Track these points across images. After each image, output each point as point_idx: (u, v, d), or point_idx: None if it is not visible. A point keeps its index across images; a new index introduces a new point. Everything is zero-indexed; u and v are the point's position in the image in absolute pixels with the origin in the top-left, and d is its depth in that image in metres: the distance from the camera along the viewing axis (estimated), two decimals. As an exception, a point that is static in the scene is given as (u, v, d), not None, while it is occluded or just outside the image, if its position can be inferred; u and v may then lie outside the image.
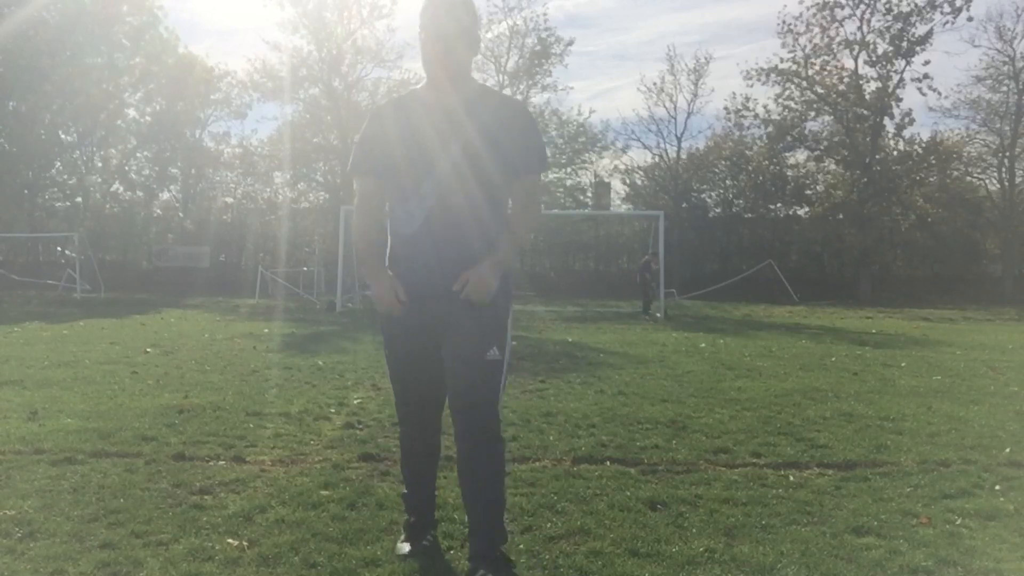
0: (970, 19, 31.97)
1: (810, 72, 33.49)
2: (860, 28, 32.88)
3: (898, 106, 32.65)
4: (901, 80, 32.56)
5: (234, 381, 6.89)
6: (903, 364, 8.91)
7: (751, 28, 67.11)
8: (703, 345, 11.06)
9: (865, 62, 33.06)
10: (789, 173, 38.11)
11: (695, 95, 38.78)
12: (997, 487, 3.74)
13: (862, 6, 32.44)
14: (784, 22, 33.27)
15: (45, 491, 3.49)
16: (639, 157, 45.74)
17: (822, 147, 35.55)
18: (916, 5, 31.63)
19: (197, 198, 41.01)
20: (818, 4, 32.46)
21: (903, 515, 3.32)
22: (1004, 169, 36.58)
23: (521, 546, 2.91)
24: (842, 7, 32.46)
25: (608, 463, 4.16)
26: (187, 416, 5.22)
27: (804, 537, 3.04)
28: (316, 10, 33.28)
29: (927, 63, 32.21)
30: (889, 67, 32.48)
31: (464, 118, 2.57)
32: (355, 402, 5.88)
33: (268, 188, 41.11)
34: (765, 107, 34.96)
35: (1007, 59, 34.78)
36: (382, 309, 2.63)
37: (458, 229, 2.55)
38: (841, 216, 34.22)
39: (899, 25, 31.82)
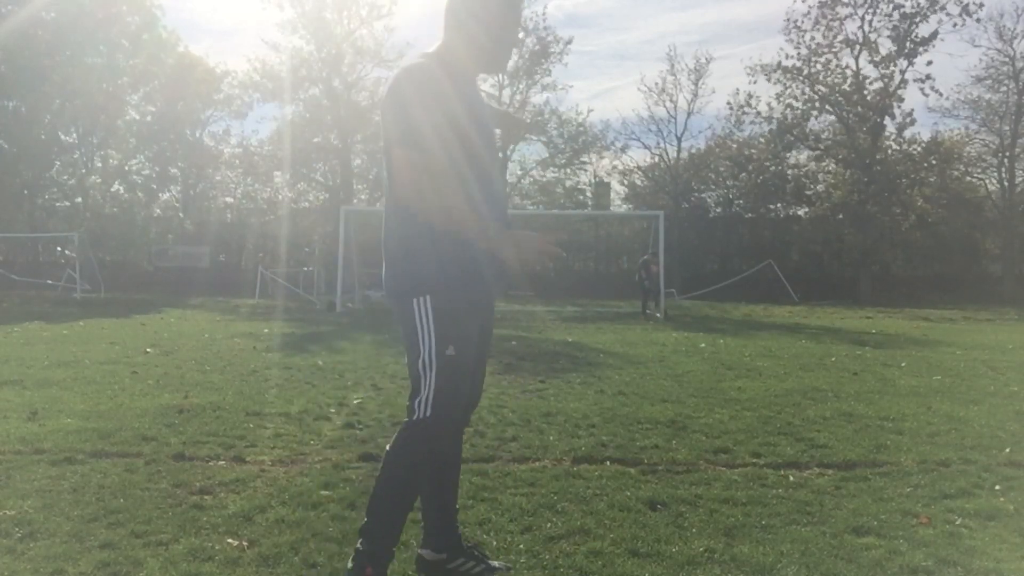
0: (978, 20, 32.00)
1: (813, 70, 33.46)
2: (861, 27, 32.91)
3: (899, 106, 32.67)
4: (903, 80, 32.57)
5: (234, 381, 6.89)
6: (903, 364, 8.91)
7: (751, 28, 67.12)
8: (703, 345, 11.06)
9: (868, 61, 33.07)
10: (790, 173, 38.11)
11: (695, 95, 38.85)
12: (997, 487, 3.74)
13: (863, 6, 32.46)
14: (789, 19, 33.29)
15: (45, 491, 3.49)
16: (639, 157, 45.71)
17: (823, 147, 35.54)
18: (920, 6, 31.63)
19: (197, 198, 40.99)
20: (822, 1, 32.46)
21: (903, 515, 3.32)
22: (1004, 169, 36.60)
23: (521, 546, 2.91)
24: (844, 4, 32.48)
25: (608, 463, 4.16)
26: (187, 416, 5.22)
27: (804, 537, 3.04)
28: (315, 10, 33.28)
29: (930, 63, 32.23)
30: (892, 67, 32.48)
31: (491, 118, 2.61)
32: (355, 402, 5.87)
33: (268, 188, 41.08)
34: (769, 104, 34.98)
35: (1007, 59, 34.83)
36: (547, 255, 2.31)
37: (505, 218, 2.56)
38: (841, 216, 34.18)
39: (904, 26, 31.80)
